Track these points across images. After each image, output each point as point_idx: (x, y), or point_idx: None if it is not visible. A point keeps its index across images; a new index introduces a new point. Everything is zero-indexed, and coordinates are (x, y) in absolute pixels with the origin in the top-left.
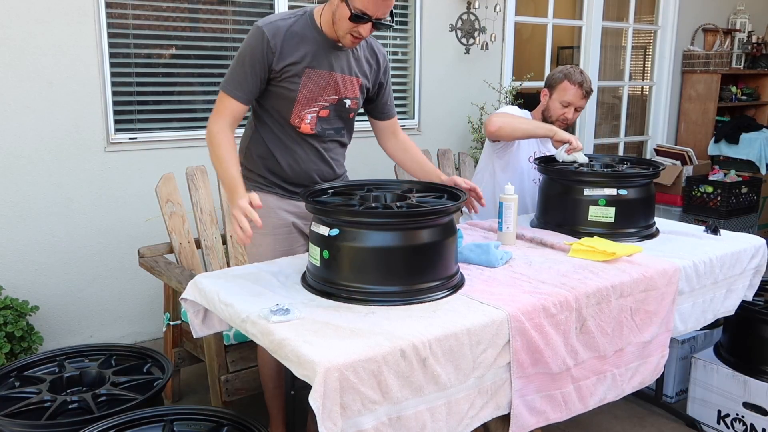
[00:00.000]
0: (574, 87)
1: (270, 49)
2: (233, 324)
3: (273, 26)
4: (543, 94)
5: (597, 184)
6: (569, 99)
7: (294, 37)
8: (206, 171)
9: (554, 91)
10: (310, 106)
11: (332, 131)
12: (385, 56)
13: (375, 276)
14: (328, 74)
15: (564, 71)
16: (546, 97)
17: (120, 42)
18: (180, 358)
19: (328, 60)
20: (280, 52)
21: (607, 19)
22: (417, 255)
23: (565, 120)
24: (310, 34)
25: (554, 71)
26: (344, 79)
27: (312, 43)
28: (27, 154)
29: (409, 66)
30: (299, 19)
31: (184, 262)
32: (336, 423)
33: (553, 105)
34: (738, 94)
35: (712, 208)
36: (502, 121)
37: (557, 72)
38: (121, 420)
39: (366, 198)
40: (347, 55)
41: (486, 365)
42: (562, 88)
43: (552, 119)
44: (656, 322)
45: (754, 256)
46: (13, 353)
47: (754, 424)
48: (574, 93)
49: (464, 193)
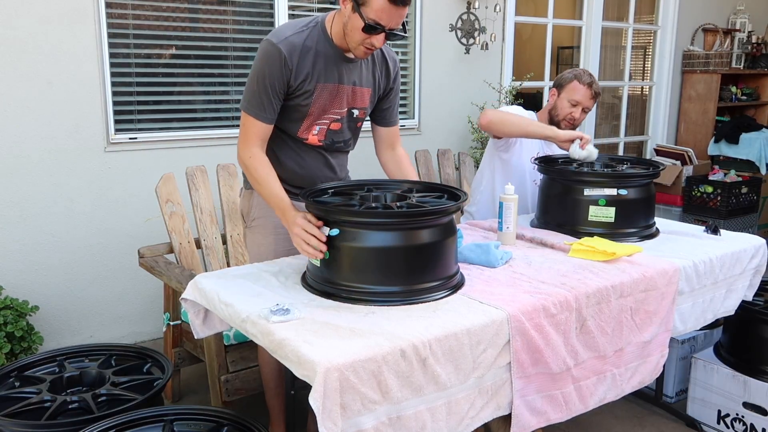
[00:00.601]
0: (584, 87)
1: (288, 67)
2: (233, 324)
3: (288, 43)
4: (551, 93)
5: (597, 184)
6: (578, 98)
7: (308, 52)
8: (206, 171)
9: (563, 90)
10: (320, 119)
11: (342, 143)
12: (396, 62)
13: (375, 276)
14: (339, 87)
15: (574, 72)
16: (554, 97)
17: (120, 42)
18: (180, 358)
19: (339, 73)
20: (296, 70)
21: (607, 19)
22: (417, 255)
23: (572, 119)
24: (322, 48)
25: (564, 72)
26: (354, 91)
27: (324, 57)
28: (27, 154)
29: (409, 66)
30: (312, 31)
31: (184, 262)
32: (336, 423)
33: (561, 104)
34: (738, 94)
35: (712, 208)
36: (493, 115)
37: (567, 73)
38: (121, 420)
39: (366, 198)
40: (358, 67)
41: (486, 365)
42: (571, 88)
43: (559, 118)
44: (656, 322)
45: (754, 256)
46: (13, 353)
47: (754, 424)
48: (583, 93)
49: (464, 193)
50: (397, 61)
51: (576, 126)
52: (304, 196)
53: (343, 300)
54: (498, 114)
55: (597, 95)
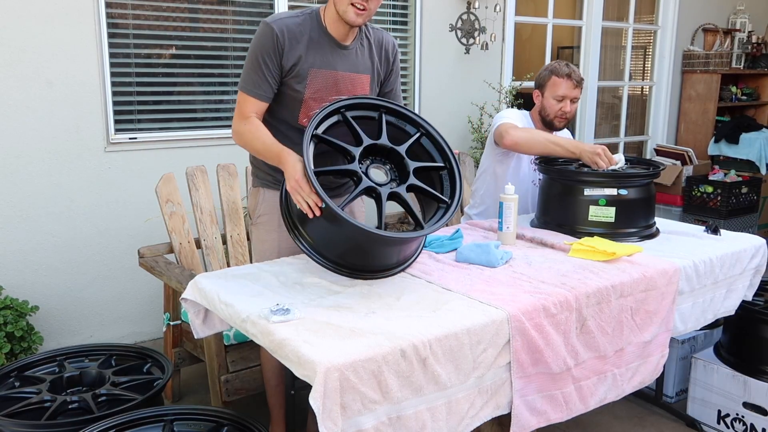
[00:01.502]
0: (563, 79)
1: (279, 44)
2: (233, 324)
3: (281, 23)
4: (535, 96)
5: (597, 184)
6: (562, 92)
7: (302, 36)
8: (206, 171)
9: (545, 89)
10: (318, 106)
11: None
12: (395, 45)
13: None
14: (334, 74)
15: (549, 68)
16: (539, 98)
17: (120, 42)
18: (180, 358)
19: (333, 60)
20: (288, 50)
21: (607, 19)
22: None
23: (563, 115)
24: (316, 35)
25: (540, 71)
26: (352, 78)
27: (317, 43)
28: (27, 154)
29: (409, 66)
30: (306, 17)
31: (184, 262)
32: (336, 423)
33: (547, 103)
34: (738, 94)
35: (712, 208)
36: (517, 136)
37: (543, 71)
38: (121, 420)
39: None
40: (353, 54)
41: (486, 365)
42: (551, 84)
43: (550, 117)
44: (656, 322)
45: (754, 256)
46: (13, 353)
47: (754, 424)
48: (565, 85)
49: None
50: (395, 44)
51: (569, 119)
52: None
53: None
54: (522, 134)
55: (580, 83)
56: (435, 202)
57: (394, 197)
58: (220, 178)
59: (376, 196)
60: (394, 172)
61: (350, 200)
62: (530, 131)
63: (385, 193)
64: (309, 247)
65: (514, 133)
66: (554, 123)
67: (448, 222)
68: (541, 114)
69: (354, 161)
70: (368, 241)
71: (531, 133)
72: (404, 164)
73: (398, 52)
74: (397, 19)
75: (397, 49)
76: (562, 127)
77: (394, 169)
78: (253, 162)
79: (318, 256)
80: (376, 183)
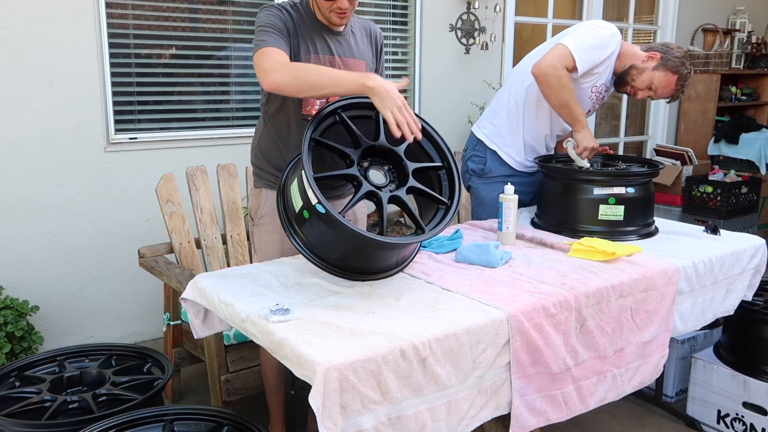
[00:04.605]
0: (675, 79)
1: (289, 14)
2: (233, 324)
3: (283, 4)
4: (650, 56)
5: (597, 183)
6: (659, 85)
7: (300, 22)
8: (206, 171)
9: (664, 70)
10: None
11: None
12: (379, 33)
13: None
14: (331, 59)
15: (688, 66)
16: (651, 61)
17: (120, 42)
18: (180, 358)
19: (329, 46)
20: (293, 26)
21: (607, 19)
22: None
23: (627, 92)
24: (309, 22)
25: (682, 55)
26: (348, 63)
27: (312, 29)
28: (27, 154)
29: (409, 66)
30: (299, 6)
31: (184, 262)
32: (336, 423)
33: (646, 76)
34: (738, 94)
35: (711, 208)
36: (555, 81)
37: (686, 61)
38: (121, 420)
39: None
40: (348, 39)
41: (486, 365)
42: (670, 76)
43: (627, 78)
44: (656, 322)
45: (754, 256)
46: (14, 353)
47: (753, 424)
48: (671, 89)
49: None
50: (380, 33)
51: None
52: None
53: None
54: (560, 81)
55: (666, 97)
56: (434, 203)
57: (395, 200)
58: (220, 178)
59: (376, 201)
60: (393, 173)
61: (351, 206)
62: (569, 83)
63: (385, 197)
64: (303, 246)
65: (555, 74)
66: (624, 86)
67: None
68: (626, 68)
69: (353, 165)
70: (368, 246)
71: (566, 83)
72: (403, 165)
73: (383, 43)
74: (397, 19)
75: (381, 36)
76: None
77: (393, 169)
78: (255, 163)
79: (313, 256)
80: (376, 185)
